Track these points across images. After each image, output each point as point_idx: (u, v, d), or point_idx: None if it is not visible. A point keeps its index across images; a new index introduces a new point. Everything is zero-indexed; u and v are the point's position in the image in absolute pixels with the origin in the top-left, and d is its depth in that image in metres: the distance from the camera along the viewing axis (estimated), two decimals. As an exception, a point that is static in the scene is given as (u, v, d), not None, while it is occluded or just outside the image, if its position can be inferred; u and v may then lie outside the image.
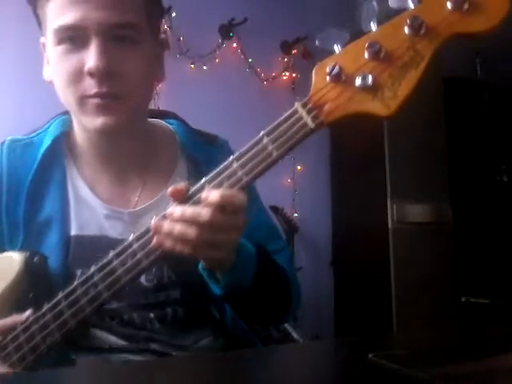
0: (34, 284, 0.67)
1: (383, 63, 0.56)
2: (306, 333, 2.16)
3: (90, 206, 0.76)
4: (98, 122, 0.68)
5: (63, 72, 0.69)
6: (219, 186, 0.59)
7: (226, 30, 2.70)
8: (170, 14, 2.49)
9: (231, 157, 0.61)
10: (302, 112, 0.60)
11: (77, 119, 0.75)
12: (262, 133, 0.62)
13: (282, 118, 0.62)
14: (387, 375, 0.28)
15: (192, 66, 2.63)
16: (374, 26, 0.60)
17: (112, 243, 0.66)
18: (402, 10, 0.58)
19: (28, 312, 0.62)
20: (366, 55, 0.56)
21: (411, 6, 0.56)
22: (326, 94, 0.58)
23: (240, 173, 0.59)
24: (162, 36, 0.78)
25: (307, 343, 0.61)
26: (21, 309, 0.64)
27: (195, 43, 2.60)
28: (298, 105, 0.60)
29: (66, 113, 0.81)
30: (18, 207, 0.73)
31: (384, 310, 2.47)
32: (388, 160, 2.60)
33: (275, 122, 0.62)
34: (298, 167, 2.84)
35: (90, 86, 0.67)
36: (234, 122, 2.65)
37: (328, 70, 0.57)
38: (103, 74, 0.66)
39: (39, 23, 0.73)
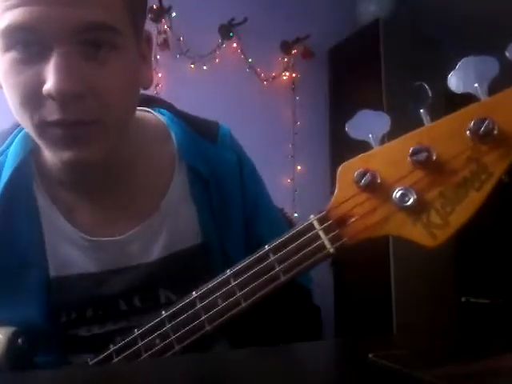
0: (19, 365, 0.56)
1: (433, 176, 0.41)
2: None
3: (68, 239, 0.63)
4: (65, 155, 0.52)
5: (16, 87, 0.50)
6: (213, 307, 0.48)
7: (226, 30, 2.70)
8: (170, 14, 2.50)
9: (228, 271, 0.49)
10: (320, 230, 0.48)
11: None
12: (266, 247, 0.48)
13: (293, 231, 0.48)
14: (387, 375, 0.28)
15: (192, 65, 2.63)
16: (425, 119, 0.43)
17: (97, 279, 0.60)
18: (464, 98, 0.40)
19: None
20: (411, 162, 0.42)
21: (480, 95, 0.40)
22: (354, 208, 0.45)
23: (238, 294, 0.48)
24: (146, 32, 0.60)
25: (307, 343, 0.61)
26: None
27: (195, 43, 2.60)
28: (314, 219, 0.48)
29: None
30: None
31: (384, 310, 2.47)
32: (388, 160, 2.60)
33: (284, 236, 0.48)
34: (298, 167, 2.84)
35: (51, 110, 0.49)
36: (234, 122, 2.64)
37: (357, 176, 0.45)
38: (67, 97, 0.48)
39: None
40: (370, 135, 0.45)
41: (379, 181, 0.42)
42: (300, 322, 0.72)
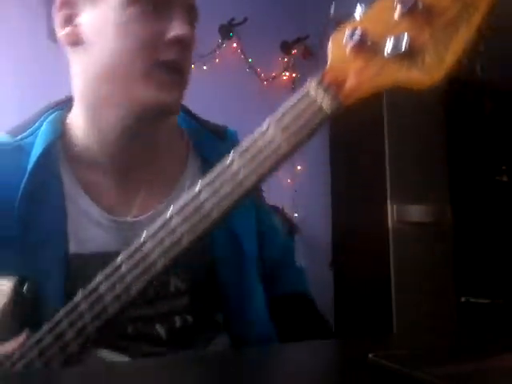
0: (24, 313, 0.60)
1: (421, 21, 0.41)
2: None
3: (90, 218, 0.67)
4: (163, 96, 0.63)
5: (137, 34, 0.61)
6: (217, 191, 0.49)
7: (226, 30, 2.70)
8: (170, 14, 2.50)
9: (231, 153, 0.50)
10: (316, 93, 0.49)
11: (111, 101, 0.64)
12: (267, 120, 0.50)
13: (290, 101, 0.50)
14: (387, 375, 0.28)
15: (192, 65, 2.62)
16: None
17: (114, 259, 0.62)
18: None
19: (21, 338, 0.56)
20: (398, 11, 0.42)
21: None
22: (347, 67, 0.46)
23: (241, 176, 0.49)
24: None
25: (307, 343, 0.61)
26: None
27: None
28: (309, 84, 0.49)
29: (57, 107, 0.74)
30: (8, 225, 0.63)
31: (384, 310, 2.47)
32: (388, 160, 2.60)
33: (282, 108, 0.50)
34: (298, 167, 2.84)
35: (169, 53, 0.62)
36: (234, 122, 2.64)
37: (347, 36, 0.46)
38: (186, 44, 0.63)
39: None
40: (357, 6, 0.47)
41: (369, 36, 0.43)
42: (311, 333, 0.76)
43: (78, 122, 0.69)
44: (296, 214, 2.74)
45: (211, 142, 0.76)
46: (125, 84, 0.63)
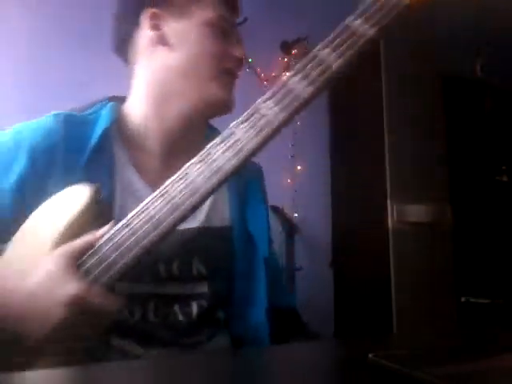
0: (100, 217, 0.68)
1: None
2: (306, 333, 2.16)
3: (136, 193, 0.76)
4: (227, 96, 0.82)
5: (213, 46, 0.80)
6: (306, 76, 0.63)
7: (226, 30, 2.70)
8: (170, 14, 2.50)
9: (319, 44, 0.65)
10: None
11: (186, 101, 0.80)
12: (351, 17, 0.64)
13: None
14: (387, 375, 0.28)
15: None
16: None
17: None
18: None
19: (104, 228, 0.63)
20: None
21: None
22: None
23: (332, 57, 0.64)
24: None
25: (307, 343, 0.61)
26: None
27: (195, 43, 2.60)
28: None
29: (111, 99, 0.86)
30: (71, 180, 0.70)
31: (384, 309, 2.47)
32: (388, 160, 2.60)
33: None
34: (298, 167, 2.84)
35: (232, 63, 0.83)
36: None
37: None
38: (242, 62, 0.84)
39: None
40: None
41: None
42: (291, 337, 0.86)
43: (135, 110, 0.83)
44: (296, 214, 2.74)
45: None
46: (198, 82, 0.79)
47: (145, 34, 0.81)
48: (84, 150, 0.74)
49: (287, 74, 0.71)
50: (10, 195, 0.70)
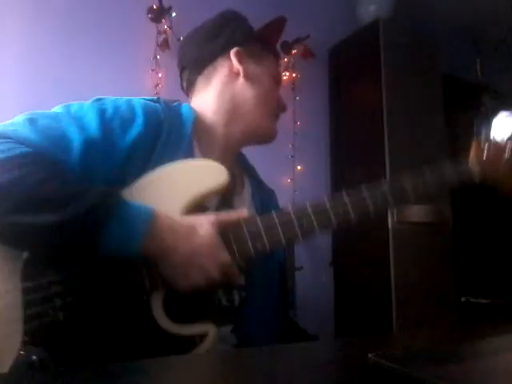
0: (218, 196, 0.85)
1: None
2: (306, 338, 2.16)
3: None
4: (274, 131, 1.00)
5: (273, 92, 1.01)
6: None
7: (226, 30, 2.70)
8: (170, 14, 2.49)
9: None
10: None
11: (240, 120, 0.97)
12: None
13: None
14: (387, 375, 0.28)
15: None
16: None
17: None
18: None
19: (243, 211, 0.78)
20: None
21: None
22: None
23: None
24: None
25: (307, 343, 0.61)
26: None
27: (195, 43, 2.60)
28: None
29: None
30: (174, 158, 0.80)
31: (384, 310, 2.47)
32: (388, 160, 2.60)
33: None
34: (298, 167, 2.84)
35: (278, 109, 1.02)
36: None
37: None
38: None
39: (246, 38, 1.05)
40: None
41: None
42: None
43: (208, 116, 0.96)
44: (296, 214, 2.74)
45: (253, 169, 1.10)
46: (261, 114, 0.97)
47: (229, 64, 0.98)
48: (182, 135, 0.85)
49: (287, 73, 0.73)
50: (124, 153, 0.77)
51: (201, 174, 0.79)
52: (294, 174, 2.81)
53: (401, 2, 2.98)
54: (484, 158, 0.77)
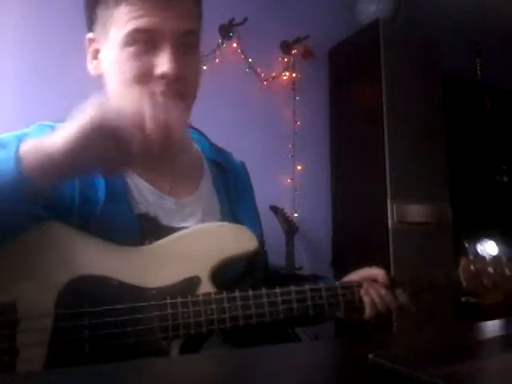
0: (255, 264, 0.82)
1: None
2: (306, 333, 2.16)
3: (144, 191, 0.79)
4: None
5: (131, 71, 0.73)
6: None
7: (226, 30, 2.70)
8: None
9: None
10: None
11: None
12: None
13: None
14: (387, 375, 0.28)
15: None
16: None
17: (164, 228, 0.76)
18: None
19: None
20: None
21: None
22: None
23: None
24: None
25: (307, 343, 0.61)
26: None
27: (195, 43, 2.60)
28: None
29: None
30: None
31: (384, 310, 2.47)
32: (388, 160, 2.60)
33: None
34: (298, 167, 2.84)
35: (158, 85, 0.73)
36: (234, 122, 2.64)
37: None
38: (173, 77, 0.72)
39: (91, 21, 0.78)
40: None
41: None
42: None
43: None
44: (296, 214, 2.74)
45: (217, 151, 0.95)
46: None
47: (89, 62, 0.81)
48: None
49: (287, 73, 0.70)
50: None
51: (231, 238, 0.77)
52: (294, 174, 2.81)
53: (401, 2, 2.98)
54: (471, 271, 0.89)
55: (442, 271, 0.92)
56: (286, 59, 2.90)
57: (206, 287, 0.72)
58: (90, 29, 0.79)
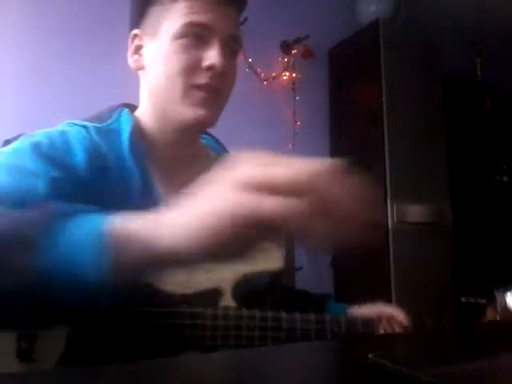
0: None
1: None
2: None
3: (156, 197, 0.77)
4: (199, 112, 0.77)
5: (179, 62, 0.76)
6: None
7: (226, 30, 2.70)
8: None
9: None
10: None
11: (164, 113, 0.80)
12: None
13: None
14: (387, 375, 0.28)
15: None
16: None
17: None
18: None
19: None
20: None
21: None
22: None
23: None
24: None
25: (307, 343, 0.62)
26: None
27: (195, 43, 2.60)
28: None
29: (125, 106, 0.85)
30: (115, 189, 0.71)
31: (384, 310, 2.47)
32: (388, 160, 2.60)
33: None
34: (298, 167, 2.84)
35: (203, 77, 0.76)
36: (234, 122, 2.64)
37: None
38: (218, 71, 0.76)
39: (140, 17, 0.82)
40: None
41: None
42: None
43: (145, 120, 0.84)
44: (296, 214, 2.74)
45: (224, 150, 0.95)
46: (169, 103, 0.78)
47: (129, 58, 0.84)
48: (119, 156, 0.74)
49: (287, 73, 0.70)
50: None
51: (257, 253, 0.74)
52: (294, 174, 2.81)
53: (401, 2, 2.97)
54: (497, 319, 0.87)
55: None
56: (285, 59, 2.90)
57: (228, 300, 0.71)
58: (136, 26, 0.83)
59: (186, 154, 0.85)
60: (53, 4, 2.29)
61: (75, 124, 0.77)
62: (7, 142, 1.17)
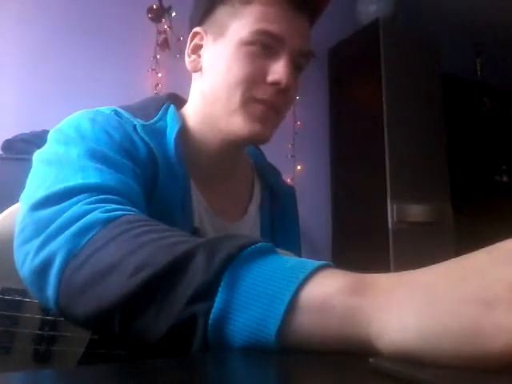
0: None
1: None
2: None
3: (200, 206, 0.74)
4: (256, 128, 0.70)
5: (243, 70, 0.69)
6: None
7: (226, 30, 2.70)
8: (170, 14, 2.49)
9: None
10: None
11: (216, 122, 0.73)
12: None
13: None
14: (388, 378, 0.28)
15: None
16: None
17: None
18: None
19: None
20: None
21: None
22: None
23: None
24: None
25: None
26: None
27: (195, 43, 2.60)
28: None
29: (170, 97, 0.81)
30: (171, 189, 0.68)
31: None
32: (388, 160, 2.60)
33: None
34: (298, 167, 2.84)
35: (266, 92, 0.70)
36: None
37: None
38: (283, 88, 0.70)
39: (206, 15, 0.74)
40: None
41: None
42: None
43: (192, 123, 0.78)
44: (296, 214, 2.74)
45: (268, 169, 0.92)
46: (224, 112, 0.71)
47: (187, 57, 0.78)
48: (166, 156, 0.69)
49: None
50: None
51: None
52: (294, 174, 2.81)
53: (401, 1, 2.98)
54: None
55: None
56: (285, 59, 2.90)
57: None
58: (198, 23, 0.76)
59: (229, 164, 0.80)
60: (53, 4, 2.29)
61: (118, 111, 0.71)
62: (7, 142, 1.17)
